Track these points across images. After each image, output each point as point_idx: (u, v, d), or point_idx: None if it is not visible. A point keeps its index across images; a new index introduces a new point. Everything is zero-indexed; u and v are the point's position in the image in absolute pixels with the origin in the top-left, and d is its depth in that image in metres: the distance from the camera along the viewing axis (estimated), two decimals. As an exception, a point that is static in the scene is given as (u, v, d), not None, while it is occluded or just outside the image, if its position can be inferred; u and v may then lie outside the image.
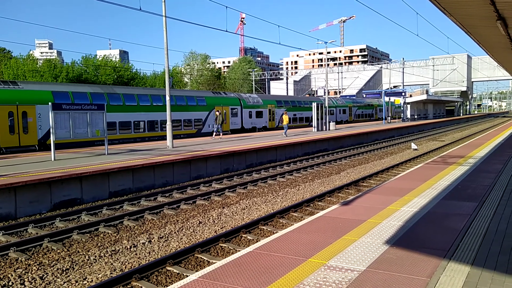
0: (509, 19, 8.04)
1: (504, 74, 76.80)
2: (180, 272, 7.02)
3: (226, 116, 34.02)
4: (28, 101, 21.70)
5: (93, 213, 11.42)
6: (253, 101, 38.71)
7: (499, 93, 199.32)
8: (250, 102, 38.09)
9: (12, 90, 21.56)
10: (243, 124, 36.68)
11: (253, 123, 37.92)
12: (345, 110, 54.88)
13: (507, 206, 8.30)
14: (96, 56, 65.45)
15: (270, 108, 40.60)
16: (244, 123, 36.80)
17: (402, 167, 18.43)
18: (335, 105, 52.68)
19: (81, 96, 24.43)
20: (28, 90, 22.34)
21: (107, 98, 25.59)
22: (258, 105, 39.02)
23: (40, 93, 22.74)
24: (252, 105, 38.29)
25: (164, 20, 19.55)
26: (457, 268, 5.16)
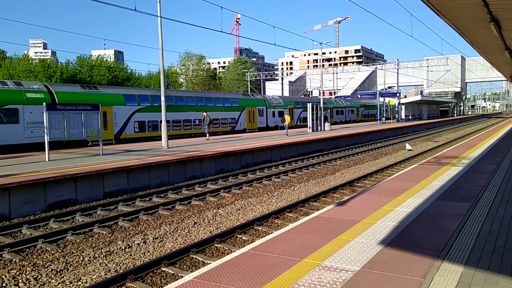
0: (502, 21, 8.10)
1: (497, 75, 77.26)
2: (175, 273, 7.02)
3: (254, 115, 38.49)
4: (107, 103, 25.38)
5: (88, 213, 11.38)
6: (276, 102, 42.85)
7: (492, 94, 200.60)
8: (273, 103, 42.22)
9: (95, 94, 25.50)
10: (268, 122, 40.71)
11: (275, 122, 41.73)
12: (353, 110, 58.63)
13: (500, 206, 8.36)
14: (91, 56, 65.17)
15: (290, 108, 44.59)
16: (269, 121, 40.83)
17: (396, 167, 18.51)
18: (345, 106, 56.68)
19: (144, 98, 28.60)
20: (106, 93, 26.39)
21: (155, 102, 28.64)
22: (280, 105, 42.99)
23: (115, 95, 26.83)
24: (275, 105, 42.34)
25: (159, 21, 19.53)
26: (451, 268, 5.19)
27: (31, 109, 21.76)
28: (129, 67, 74.80)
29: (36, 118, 21.59)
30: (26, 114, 21.58)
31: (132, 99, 27.70)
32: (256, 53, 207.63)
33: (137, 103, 27.83)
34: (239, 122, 36.60)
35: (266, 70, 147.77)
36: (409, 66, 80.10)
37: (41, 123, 19.81)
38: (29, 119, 21.70)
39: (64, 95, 23.99)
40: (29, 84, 23.50)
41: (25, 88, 22.52)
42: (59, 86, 26.07)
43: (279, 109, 42.42)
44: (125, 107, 26.94)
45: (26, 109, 21.64)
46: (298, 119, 45.95)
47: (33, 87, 23.17)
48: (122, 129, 26.69)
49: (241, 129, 36.69)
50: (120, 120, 26.31)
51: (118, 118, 26.17)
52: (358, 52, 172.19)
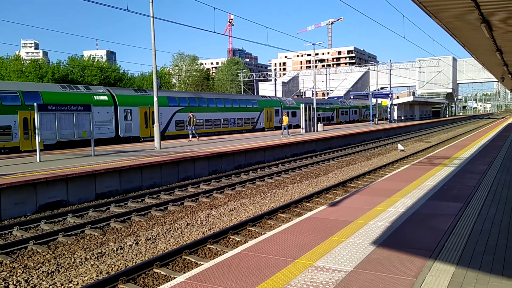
0: (493, 22, 8.17)
1: (488, 76, 77.85)
2: (167, 274, 6.99)
3: (271, 116, 42.14)
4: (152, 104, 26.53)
5: (79, 215, 11.30)
6: (289, 103, 46.38)
7: (484, 95, 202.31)
8: (287, 104, 45.78)
9: (145, 96, 29.30)
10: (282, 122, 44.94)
11: (290, 121, 43.86)
12: (356, 111, 62.11)
13: (492, 206, 8.42)
14: (83, 56, 64.74)
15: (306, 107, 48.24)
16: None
17: (389, 168, 18.58)
18: (349, 107, 60.37)
19: (183, 100, 32.57)
20: (151, 96, 28.12)
21: (198, 101, 33.69)
22: (293, 106, 46.09)
23: (161, 98, 28.76)
24: (289, 106, 45.62)
25: (152, 21, 19.46)
26: (443, 268, 5.22)
27: (99, 109, 25.13)
28: (122, 68, 74.42)
29: (102, 117, 25.37)
30: (95, 114, 24.09)
31: (173, 101, 31.47)
32: (249, 53, 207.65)
33: (177, 104, 31.67)
34: (259, 122, 40.60)
35: (259, 70, 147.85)
36: (401, 67, 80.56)
37: (107, 121, 25.23)
38: (97, 118, 24.81)
39: (123, 97, 27.59)
40: (96, 88, 27.10)
41: (93, 92, 26.10)
42: (118, 90, 29.41)
43: (292, 110, 45.39)
44: (168, 108, 30.62)
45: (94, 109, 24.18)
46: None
47: (99, 90, 26.69)
48: (166, 127, 30.43)
49: (261, 127, 40.64)
50: (164, 119, 29.96)
51: (163, 118, 29.46)
52: (350, 53, 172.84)
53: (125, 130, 27.32)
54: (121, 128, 27.02)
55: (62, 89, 24.98)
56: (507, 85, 38.76)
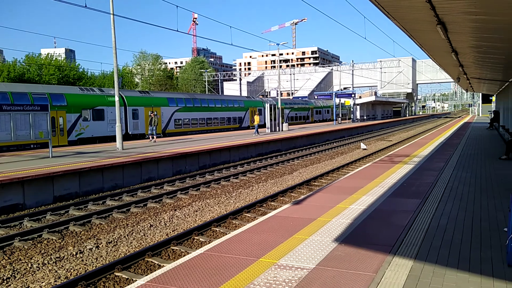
0: (448, 23, 8.44)
1: (446, 76, 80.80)
2: (129, 277, 6.84)
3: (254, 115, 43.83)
4: (157, 104, 32.53)
5: (36, 218, 10.89)
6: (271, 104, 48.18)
7: (441, 95, 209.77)
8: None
9: (149, 97, 32.84)
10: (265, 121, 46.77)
11: None
12: (328, 110, 65.71)
13: (448, 202, 8.72)
14: (40, 55, 62.46)
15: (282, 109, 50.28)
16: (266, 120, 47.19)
17: (351, 166, 18.94)
18: (322, 106, 64.58)
19: (180, 100, 35.67)
20: (156, 97, 33.77)
21: (193, 102, 36.99)
22: None
23: (162, 98, 33.98)
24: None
25: (112, 18, 19.01)
26: (401, 262, 5.35)
27: (111, 109, 27.52)
28: (81, 66, 72.36)
29: (114, 117, 26.28)
30: (109, 113, 27.73)
31: (172, 101, 34.47)
32: (214, 53, 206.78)
33: (175, 104, 34.62)
34: (244, 120, 43.96)
35: (224, 70, 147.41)
36: (363, 67, 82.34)
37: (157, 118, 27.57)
38: (111, 117, 27.65)
39: (131, 99, 30.61)
40: (108, 90, 30.22)
41: (106, 93, 29.02)
42: (126, 92, 33.02)
43: None
44: (168, 108, 33.83)
45: (108, 109, 27.93)
46: (287, 118, 53.16)
47: (111, 92, 29.24)
48: (167, 125, 33.61)
49: (246, 126, 43.86)
50: (165, 118, 33.29)
51: (164, 117, 33.00)
52: (314, 53, 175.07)
53: (133, 128, 30.47)
54: (129, 126, 30.06)
55: (81, 91, 27.85)
56: (463, 85, 40.32)
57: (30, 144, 22.78)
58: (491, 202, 8.66)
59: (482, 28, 9.14)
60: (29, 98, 24.00)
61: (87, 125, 27.02)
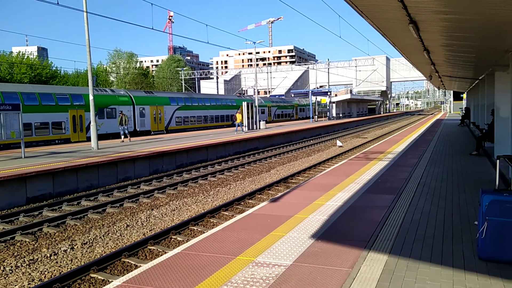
0: (420, 23, 8.60)
1: (418, 75, 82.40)
2: (105, 279, 6.76)
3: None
4: (160, 103, 35.67)
5: (9, 220, 10.63)
6: (260, 102, 51.08)
7: (415, 92, 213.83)
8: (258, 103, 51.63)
9: (153, 97, 35.91)
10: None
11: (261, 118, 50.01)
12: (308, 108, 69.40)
13: (421, 197, 8.92)
14: (11, 53, 60.78)
15: (269, 106, 55.99)
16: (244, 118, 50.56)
17: (328, 163, 19.14)
18: (305, 104, 66.88)
19: (180, 99, 39.04)
20: (159, 96, 36.96)
21: (191, 101, 40.47)
22: (262, 104, 53.28)
23: (164, 98, 37.15)
24: (260, 104, 50.37)
25: (85, 16, 18.67)
26: (376, 257, 5.45)
27: (122, 108, 30.49)
28: (54, 65, 70.67)
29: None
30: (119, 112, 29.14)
31: (173, 100, 37.62)
32: (190, 51, 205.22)
33: (176, 103, 37.73)
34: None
35: (201, 68, 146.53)
36: (339, 66, 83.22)
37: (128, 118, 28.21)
38: None
39: (138, 98, 33.53)
40: (118, 91, 33.54)
41: (117, 94, 32.11)
42: (134, 92, 35.99)
43: (261, 108, 51.65)
44: (170, 106, 36.85)
45: (119, 108, 30.39)
46: (274, 116, 57.21)
47: (121, 92, 32.96)
48: (169, 123, 36.64)
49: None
50: (167, 116, 36.27)
51: (166, 115, 36.09)
52: (291, 52, 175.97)
53: (141, 125, 33.16)
54: (137, 124, 32.83)
55: (96, 92, 28.98)
56: (435, 83, 41.20)
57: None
58: (462, 196, 8.90)
59: (453, 27, 9.35)
60: (54, 98, 26.61)
61: (101, 122, 29.06)
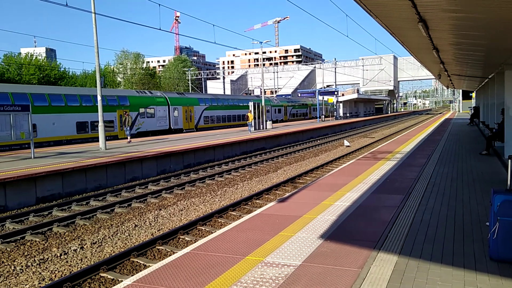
0: (429, 21, 8.55)
1: (427, 73, 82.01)
2: (115, 278, 6.78)
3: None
4: (190, 104, 38.86)
5: (19, 220, 10.72)
6: (276, 102, 56.11)
7: (422, 91, 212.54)
8: (274, 103, 55.37)
9: (184, 98, 39.03)
10: (272, 117, 52.03)
11: (276, 117, 54.57)
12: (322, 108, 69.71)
13: (431, 197, 8.87)
14: (20, 54, 61.26)
15: (285, 106, 58.26)
16: (272, 117, 52.77)
17: (335, 163, 19.08)
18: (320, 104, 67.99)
19: (207, 100, 42.22)
20: (189, 97, 40.23)
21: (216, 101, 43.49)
22: (278, 104, 56.30)
23: (194, 99, 40.34)
24: (275, 104, 55.30)
25: (94, 17, 18.77)
26: (386, 258, 5.42)
27: (160, 108, 34.34)
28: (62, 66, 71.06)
29: (161, 114, 34.30)
30: (157, 111, 33.87)
31: (202, 101, 40.89)
32: (196, 51, 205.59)
33: (204, 103, 41.00)
34: None
35: (207, 69, 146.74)
36: (346, 65, 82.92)
37: (164, 117, 34.58)
38: (158, 115, 34.08)
39: (172, 99, 36.34)
40: (155, 93, 36.70)
41: (154, 95, 35.13)
42: (168, 93, 38.52)
43: (278, 107, 55.53)
44: (199, 107, 40.05)
45: (157, 108, 34.03)
46: (289, 115, 59.42)
47: (157, 94, 36.05)
48: (198, 122, 39.79)
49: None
50: (196, 116, 39.55)
51: (196, 114, 39.36)
52: (297, 51, 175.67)
53: (174, 124, 35.98)
54: (172, 122, 35.69)
55: (138, 94, 34.19)
56: (444, 82, 40.93)
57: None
58: (473, 196, 8.83)
59: (463, 26, 9.28)
60: (105, 100, 28.60)
61: (143, 121, 32.64)
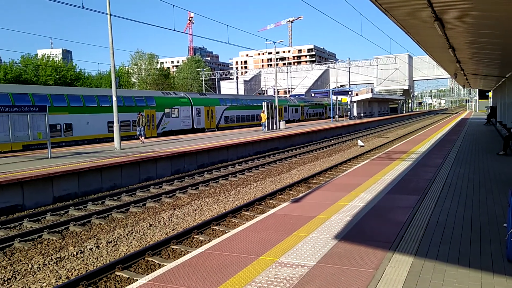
0: (445, 20, 8.47)
1: (442, 73, 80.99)
2: (130, 277, 6.85)
3: (281, 112, 49.60)
4: (212, 104, 40.24)
5: (36, 219, 10.89)
6: (293, 102, 57.26)
7: (438, 91, 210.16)
8: (292, 103, 56.47)
9: (206, 98, 40.56)
10: (289, 117, 54.18)
11: (293, 116, 55.83)
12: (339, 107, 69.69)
13: (447, 198, 8.76)
14: (37, 55, 62.22)
15: (302, 106, 59.30)
16: (289, 116, 54.60)
17: (349, 163, 18.97)
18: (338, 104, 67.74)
19: (228, 100, 43.56)
20: (210, 98, 41.62)
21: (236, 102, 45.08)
22: (295, 104, 57.40)
23: (215, 99, 41.78)
24: (292, 104, 56.51)
25: (109, 19, 18.97)
26: (402, 259, 5.38)
27: (183, 108, 35.82)
28: (78, 67, 72.06)
29: (185, 114, 35.89)
30: (181, 111, 35.41)
31: (222, 101, 42.36)
32: (210, 52, 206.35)
33: (225, 104, 42.38)
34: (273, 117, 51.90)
35: (221, 69, 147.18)
36: (360, 64, 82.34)
37: (187, 117, 36.09)
38: (182, 115, 35.64)
39: (195, 99, 37.82)
40: (179, 93, 38.21)
41: (179, 96, 36.71)
42: (191, 94, 40.24)
43: (295, 107, 56.71)
44: (220, 107, 41.46)
45: (181, 109, 35.53)
46: (306, 114, 60.40)
47: (181, 95, 37.54)
48: (219, 121, 41.12)
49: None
50: (218, 115, 40.93)
51: (217, 114, 40.81)
52: (311, 51, 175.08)
53: (197, 123, 37.47)
54: (194, 122, 37.26)
55: (163, 94, 35.87)
56: (460, 81, 40.42)
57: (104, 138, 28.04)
58: (490, 197, 8.70)
59: (479, 24, 9.16)
60: (133, 100, 31.10)
61: (168, 121, 34.11)
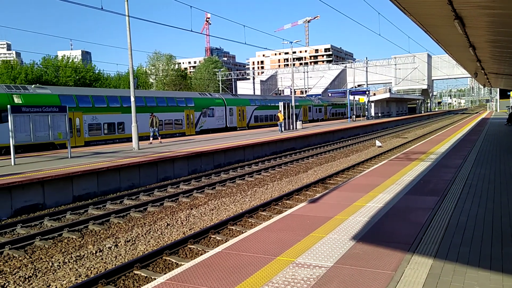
0: (466, 18, 8.33)
1: (462, 72, 79.64)
2: (148, 276, 6.91)
3: (306, 112, 53.55)
4: (242, 104, 42.36)
5: (56, 218, 11.08)
6: (317, 102, 58.82)
7: (458, 90, 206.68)
8: (315, 103, 58.05)
9: (237, 99, 42.92)
10: (313, 117, 56.23)
11: (317, 116, 57.51)
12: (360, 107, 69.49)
13: (467, 199, 8.61)
14: (57, 57, 63.35)
15: (325, 106, 60.90)
16: (314, 116, 56.53)
17: (367, 164, 18.80)
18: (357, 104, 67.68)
19: (257, 101, 46.11)
20: (241, 98, 44.13)
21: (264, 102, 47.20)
22: (319, 104, 58.95)
23: (245, 100, 44.10)
24: (316, 104, 58.21)
25: (127, 20, 19.20)
26: (421, 260, 5.31)
27: (218, 108, 38.12)
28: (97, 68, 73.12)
29: (219, 114, 38.17)
30: (215, 111, 37.70)
31: (252, 102, 44.74)
32: (227, 52, 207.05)
33: (254, 104, 44.68)
34: (299, 116, 50.25)
35: (238, 69, 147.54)
36: (377, 64, 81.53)
37: (221, 116, 38.20)
38: (217, 114, 37.94)
39: (228, 100, 40.21)
40: (214, 94, 40.55)
41: (214, 97, 39.05)
42: (224, 95, 42.59)
43: (318, 107, 58.31)
44: (250, 107, 43.69)
45: (216, 109, 37.85)
46: (329, 114, 61.97)
47: (216, 96, 39.95)
48: (249, 120, 43.31)
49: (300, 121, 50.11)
50: (248, 115, 43.08)
51: (247, 114, 42.84)
52: (328, 51, 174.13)
53: (230, 122, 39.58)
54: (228, 121, 39.33)
55: (200, 95, 38.30)
56: (480, 81, 39.73)
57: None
58: (511, 198, 8.52)
59: (500, 22, 8.99)
60: (175, 101, 33.39)
61: (205, 120, 36.29)
